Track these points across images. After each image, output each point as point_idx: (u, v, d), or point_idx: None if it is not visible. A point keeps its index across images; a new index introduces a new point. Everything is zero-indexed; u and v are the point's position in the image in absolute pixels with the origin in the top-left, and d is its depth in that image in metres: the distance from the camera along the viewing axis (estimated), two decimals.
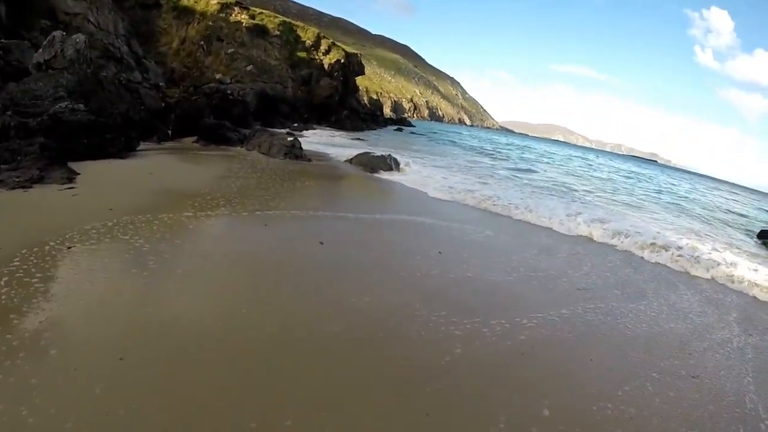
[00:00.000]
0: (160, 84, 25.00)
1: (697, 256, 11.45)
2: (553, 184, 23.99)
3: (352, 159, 18.61)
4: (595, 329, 6.43)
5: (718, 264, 11.11)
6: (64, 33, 16.89)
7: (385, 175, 16.89)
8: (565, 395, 4.70)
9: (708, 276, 10.68)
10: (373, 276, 6.92)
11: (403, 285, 6.72)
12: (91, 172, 10.22)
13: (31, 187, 8.57)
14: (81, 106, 13.10)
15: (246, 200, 9.81)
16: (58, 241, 6.08)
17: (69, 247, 5.96)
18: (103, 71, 21.24)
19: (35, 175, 9.14)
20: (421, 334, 5.39)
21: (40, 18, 23.50)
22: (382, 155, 18.87)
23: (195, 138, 18.06)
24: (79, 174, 9.80)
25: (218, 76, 37.15)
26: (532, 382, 4.82)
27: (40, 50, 16.15)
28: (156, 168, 11.81)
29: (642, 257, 11.44)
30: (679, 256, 11.40)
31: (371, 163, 17.85)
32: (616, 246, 12.01)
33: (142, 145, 14.80)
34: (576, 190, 23.40)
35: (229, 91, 33.12)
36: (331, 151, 21.74)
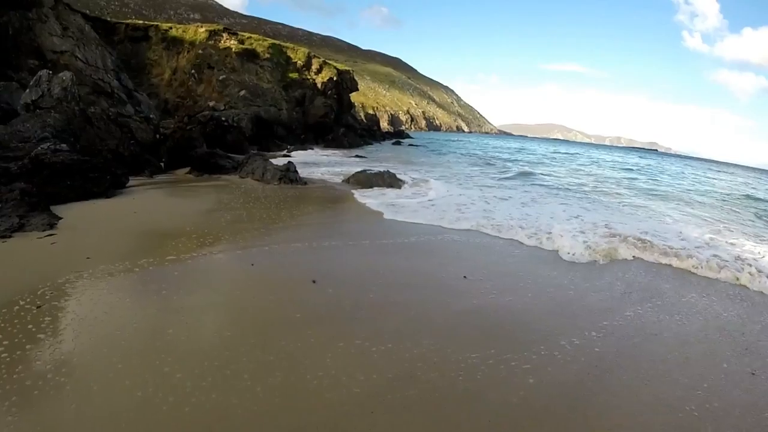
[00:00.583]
0: (151, 116, 24.55)
1: None
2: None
3: (349, 178, 18.03)
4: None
5: None
6: (51, 72, 16.67)
7: (383, 194, 16.26)
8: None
9: None
10: (385, 320, 5.96)
11: (420, 324, 5.99)
12: (74, 215, 9.65)
13: (10, 236, 7.98)
14: (64, 146, 12.61)
15: (234, 236, 9.14)
16: (28, 300, 5.50)
17: (38, 306, 5.37)
18: (94, 107, 20.84)
19: (15, 224, 8.58)
20: (476, 377, 4.77)
21: (27, 58, 23.19)
22: (380, 172, 18.31)
23: (188, 169, 17.55)
24: (61, 218, 9.22)
25: (211, 103, 36.78)
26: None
27: (27, 91, 15.94)
28: (142, 206, 11.20)
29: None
30: None
31: (369, 182, 17.27)
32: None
33: (133, 181, 14.26)
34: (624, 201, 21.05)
35: (223, 118, 32.74)
36: (328, 172, 21.19)
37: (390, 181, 17.73)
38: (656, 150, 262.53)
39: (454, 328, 5.89)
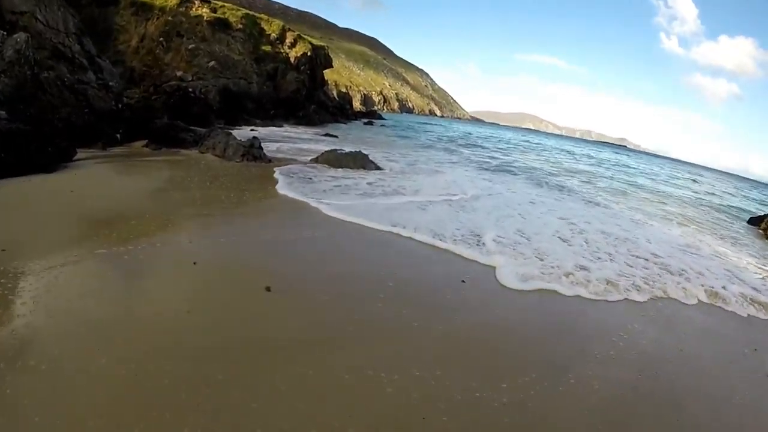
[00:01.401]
0: (111, 83, 23.00)
1: None
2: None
3: (318, 158, 17.05)
4: None
5: None
6: (4, 33, 15.36)
7: (353, 175, 15.38)
8: None
9: None
10: (365, 342, 5.08)
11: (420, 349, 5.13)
12: (4, 194, 8.60)
13: None
14: (2, 113, 11.45)
15: (180, 223, 8.12)
16: None
17: None
18: (49, 72, 19.53)
19: None
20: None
21: None
22: (351, 152, 17.43)
23: (146, 141, 16.39)
24: None
25: (179, 73, 35.19)
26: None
27: None
28: (84, 183, 10.10)
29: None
30: None
31: (339, 162, 16.36)
32: None
33: (84, 153, 13.21)
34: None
35: (190, 89, 31.56)
36: (296, 150, 20.18)
37: (362, 162, 16.89)
38: (625, 146, 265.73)
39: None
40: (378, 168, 17.37)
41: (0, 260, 5.73)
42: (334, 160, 16.60)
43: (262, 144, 16.11)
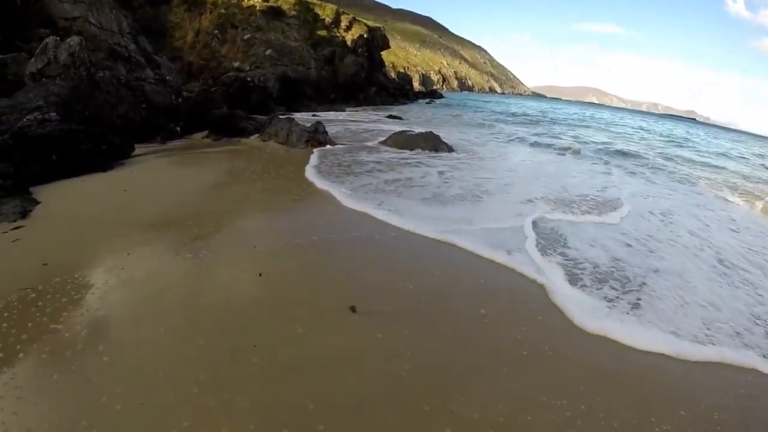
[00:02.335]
0: (167, 78, 22.47)
1: None
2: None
3: (386, 140, 15.90)
4: None
5: None
6: (58, 38, 15.09)
7: (426, 158, 14.14)
8: None
9: None
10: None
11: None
12: (57, 197, 7.74)
13: None
14: (53, 114, 10.76)
15: (236, 224, 7.00)
16: None
17: None
18: (102, 72, 19.26)
19: None
20: None
21: (37, 27, 21.56)
22: (422, 133, 16.18)
23: (206, 133, 15.63)
24: (39, 203, 7.34)
25: (236, 64, 34.74)
26: None
27: (33, 59, 14.43)
28: (138, 181, 9.23)
29: None
30: None
31: (409, 144, 15.18)
32: None
33: (142, 149, 12.51)
34: None
35: (248, 79, 31.04)
36: (361, 131, 19.04)
37: (434, 144, 15.57)
38: (694, 119, 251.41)
39: None
40: (450, 150, 16.05)
41: (43, 274, 4.92)
42: (403, 141, 15.47)
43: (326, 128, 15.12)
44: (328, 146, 14.18)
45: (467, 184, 11.34)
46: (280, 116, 16.34)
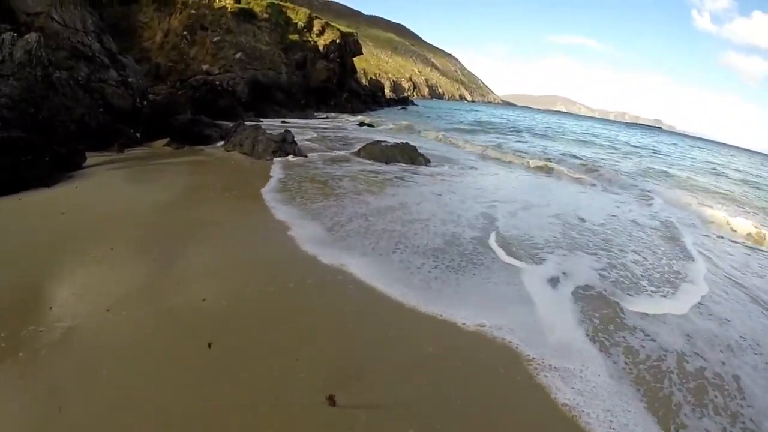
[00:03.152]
0: (130, 80, 21.36)
1: None
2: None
3: (359, 151, 15.03)
4: None
5: None
6: (15, 35, 13.97)
7: (405, 173, 13.27)
8: None
9: None
10: None
11: None
12: None
13: None
14: None
15: (184, 267, 5.77)
16: None
17: None
18: (65, 72, 18.20)
19: None
20: None
21: None
22: (397, 144, 15.35)
23: (168, 140, 14.60)
24: None
25: (205, 66, 33.59)
26: None
27: None
28: (81, 200, 8.09)
29: None
30: None
31: (384, 155, 14.31)
32: None
33: (96, 158, 11.49)
34: None
35: (217, 82, 30.12)
36: (333, 142, 18.14)
37: (411, 155, 14.75)
38: (660, 128, 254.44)
39: None
40: (427, 161, 15.27)
41: None
42: (378, 153, 14.57)
43: (295, 137, 14.14)
44: (297, 158, 13.26)
45: (471, 217, 9.54)
46: (248, 123, 15.40)
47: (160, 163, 11.79)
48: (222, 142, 14.51)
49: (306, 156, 13.64)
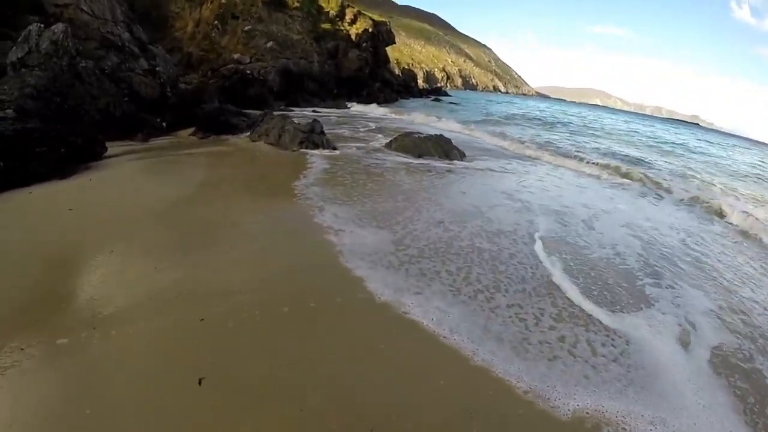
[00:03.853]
0: (158, 69, 20.92)
1: None
2: None
3: (391, 143, 14.19)
4: None
5: None
6: (41, 26, 13.79)
7: (440, 166, 12.44)
8: None
9: None
10: None
11: None
12: None
13: None
14: (10, 112, 9.30)
15: (189, 269, 5.15)
16: None
17: None
18: (102, 62, 18.01)
19: None
20: None
21: (27, 14, 20.13)
22: (431, 136, 14.42)
23: (193, 129, 14.04)
24: None
25: (236, 56, 33.08)
26: None
27: (14, 48, 13.21)
28: (92, 196, 7.38)
29: None
30: None
31: (417, 149, 13.44)
32: None
33: (120, 147, 11.17)
34: None
35: (248, 71, 29.64)
36: (364, 132, 17.36)
37: (446, 149, 13.84)
38: (698, 124, 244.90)
39: None
40: (462, 156, 14.30)
41: None
42: (411, 146, 13.66)
43: (324, 127, 13.38)
44: (324, 151, 12.44)
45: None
46: (276, 112, 14.72)
47: (184, 153, 11.21)
48: (249, 132, 13.86)
49: (335, 148, 12.89)
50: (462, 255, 6.35)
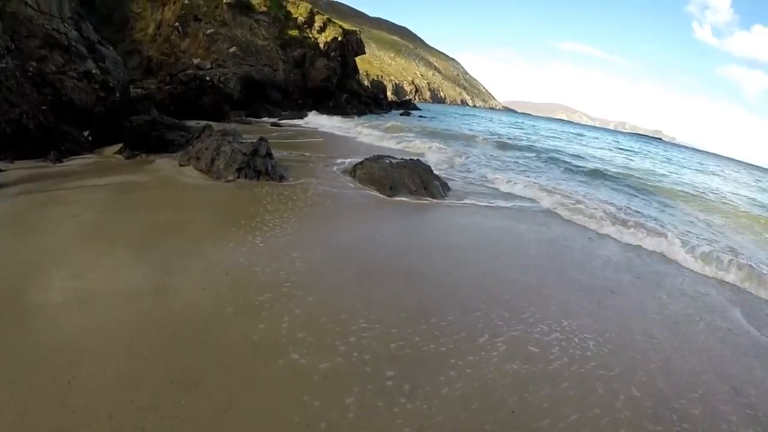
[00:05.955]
0: (94, 71, 18.38)
1: None
2: None
3: (355, 170, 11.30)
4: None
5: None
6: None
7: (420, 204, 9.94)
8: None
9: None
10: None
11: None
12: None
13: None
14: None
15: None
16: None
17: None
18: (46, 63, 15.87)
19: None
20: None
21: None
22: (408, 162, 11.52)
23: (121, 146, 11.58)
24: None
25: (196, 60, 30.60)
26: None
27: None
28: None
29: None
30: None
31: (389, 178, 10.43)
32: None
33: (22, 169, 8.99)
34: None
35: (207, 77, 27.23)
36: (324, 152, 14.92)
37: (424, 179, 10.86)
38: (660, 138, 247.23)
39: None
40: (445, 190, 11.46)
41: None
42: (380, 176, 10.56)
43: (278, 144, 10.85)
44: (266, 184, 9.49)
45: None
46: (229, 124, 12.19)
47: (81, 185, 8.34)
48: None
49: (282, 177, 10.01)
50: None
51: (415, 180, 10.59)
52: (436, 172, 12.02)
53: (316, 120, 27.47)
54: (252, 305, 4.81)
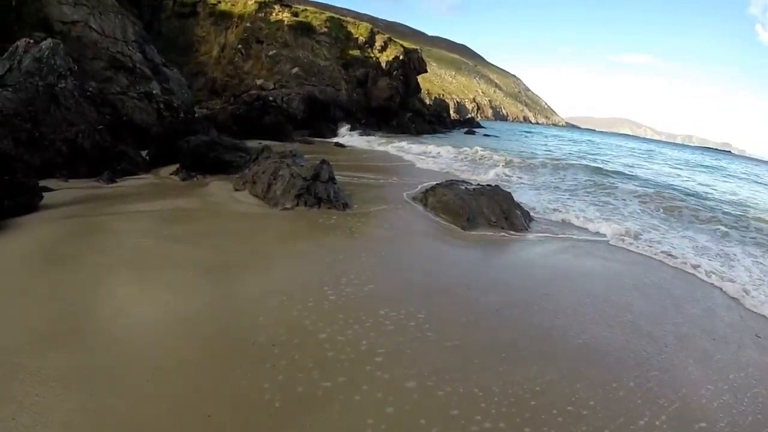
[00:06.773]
0: (154, 92, 18.24)
1: None
2: None
3: (426, 197, 9.88)
4: None
5: None
6: (31, 41, 11.81)
7: (504, 239, 8.42)
8: None
9: None
10: None
11: None
12: None
13: None
14: None
15: None
16: None
17: None
18: (112, 84, 16.15)
19: None
20: None
21: (32, 30, 17.95)
22: (486, 189, 10.08)
23: (177, 166, 10.98)
24: None
25: (259, 81, 30.62)
26: None
27: None
28: None
29: None
30: None
31: (465, 208, 8.99)
32: None
33: (78, 189, 8.75)
34: None
35: (271, 98, 27.26)
36: (389, 172, 13.91)
37: (505, 209, 9.37)
38: (729, 151, 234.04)
39: None
40: (528, 220, 9.86)
41: None
42: (456, 204, 9.29)
43: (339, 167, 9.85)
44: (330, 213, 8.35)
45: None
46: (271, 151, 11.21)
47: (127, 211, 7.52)
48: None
49: (344, 205, 8.77)
50: None
51: (494, 210, 9.13)
52: (517, 200, 10.47)
53: (380, 139, 26.61)
54: (315, 396, 3.51)
